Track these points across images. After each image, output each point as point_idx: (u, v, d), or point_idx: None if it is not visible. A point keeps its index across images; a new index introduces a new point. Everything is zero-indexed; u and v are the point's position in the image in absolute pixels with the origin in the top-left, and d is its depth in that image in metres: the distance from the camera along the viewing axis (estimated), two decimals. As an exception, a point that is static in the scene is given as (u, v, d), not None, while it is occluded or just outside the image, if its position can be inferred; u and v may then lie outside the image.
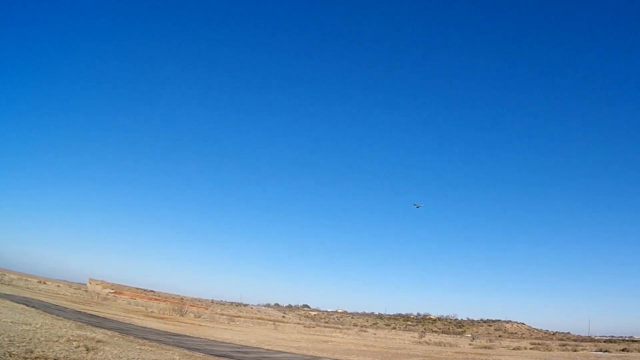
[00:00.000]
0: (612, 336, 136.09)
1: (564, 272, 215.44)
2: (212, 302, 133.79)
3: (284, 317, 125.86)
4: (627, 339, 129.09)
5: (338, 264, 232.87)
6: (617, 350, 63.39)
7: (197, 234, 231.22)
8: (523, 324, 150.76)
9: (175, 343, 22.14)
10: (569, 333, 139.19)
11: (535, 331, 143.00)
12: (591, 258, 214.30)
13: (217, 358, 18.66)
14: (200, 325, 47.22)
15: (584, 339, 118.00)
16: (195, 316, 64.32)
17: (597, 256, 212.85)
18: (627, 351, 62.66)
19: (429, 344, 57.03)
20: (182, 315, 61.14)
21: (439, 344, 58.79)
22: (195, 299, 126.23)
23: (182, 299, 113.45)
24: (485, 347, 57.99)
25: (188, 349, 20.11)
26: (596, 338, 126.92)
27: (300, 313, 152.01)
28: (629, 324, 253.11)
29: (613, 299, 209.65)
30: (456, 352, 42.63)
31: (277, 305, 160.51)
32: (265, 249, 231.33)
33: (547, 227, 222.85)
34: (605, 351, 61.02)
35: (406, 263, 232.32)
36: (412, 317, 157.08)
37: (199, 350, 20.33)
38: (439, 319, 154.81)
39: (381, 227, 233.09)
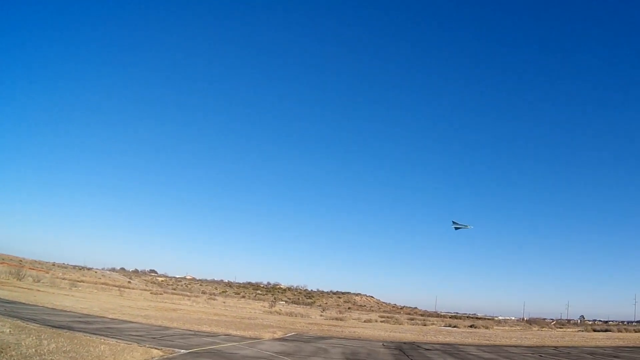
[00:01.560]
0: (457, 312, 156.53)
1: (412, 249, 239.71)
2: (54, 265, 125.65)
3: (129, 282, 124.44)
4: (471, 315, 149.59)
5: (186, 227, 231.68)
6: (465, 327, 72.60)
7: (40, 189, 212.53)
8: (372, 297, 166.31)
9: (8, 312, 21.72)
10: (416, 308, 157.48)
11: (384, 304, 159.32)
12: (437, 238, 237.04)
13: (54, 330, 17.83)
14: (39, 290, 46.32)
15: (430, 314, 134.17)
16: (34, 280, 61.97)
17: (443, 236, 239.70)
18: (475, 327, 72.22)
19: (280, 314, 62.33)
20: (20, 280, 58.78)
21: (290, 314, 64.37)
22: (36, 261, 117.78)
23: (21, 261, 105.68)
24: (336, 319, 65.08)
25: (22, 319, 19.71)
26: (442, 314, 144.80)
27: (147, 279, 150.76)
28: (472, 302, 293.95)
29: (458, 277, 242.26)
30: (309, 323, 47.63)
31: (122, 269, 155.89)
32: (110, 208, 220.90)
33: (395, 206, 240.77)
34: (454, 327, 69.10)
35: (256, 231, 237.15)
36: (262, 286, 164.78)
37: (34, 320, 20.14)
38: (289, 289, 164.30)
39: (230, 192, 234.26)
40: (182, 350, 16.62)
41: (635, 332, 70.29)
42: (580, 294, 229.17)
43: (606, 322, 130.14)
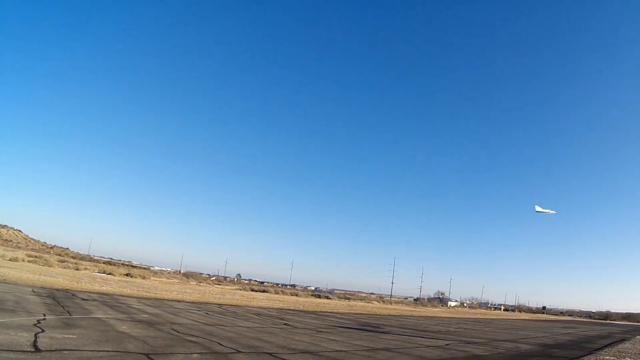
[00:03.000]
0: (112, 258, 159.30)
1: (66, 181, 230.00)
2: None
3: None
4: (126, 263, 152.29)
5: None
6: (121, 275, 73.13)
7: None
8: (20, 231, 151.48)
9: None
10: (68, 249, 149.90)
11: (33, 241, 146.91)
12: (94, 171, 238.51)
13: None
14: None
15: (83, 257, 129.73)
16: None
17: (104, 171, 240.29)
18: (132, 276, 73.70)
19: None
20: None
21: None
22: None
23: None
24: (-28, 255, 56.92)
25: None
26: (96, 258, 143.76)
27: None
28: (128, 248, 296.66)
29: (113, 220, 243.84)
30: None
31: None
32: None
33: (54, 129, 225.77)
34: (110, 274, 69.08)
35: None
36: None
37: None
38: None
39: None
40: None
41: (292, 295, 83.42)
42: (238, 253, 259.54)
43: (262, 282, 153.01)
